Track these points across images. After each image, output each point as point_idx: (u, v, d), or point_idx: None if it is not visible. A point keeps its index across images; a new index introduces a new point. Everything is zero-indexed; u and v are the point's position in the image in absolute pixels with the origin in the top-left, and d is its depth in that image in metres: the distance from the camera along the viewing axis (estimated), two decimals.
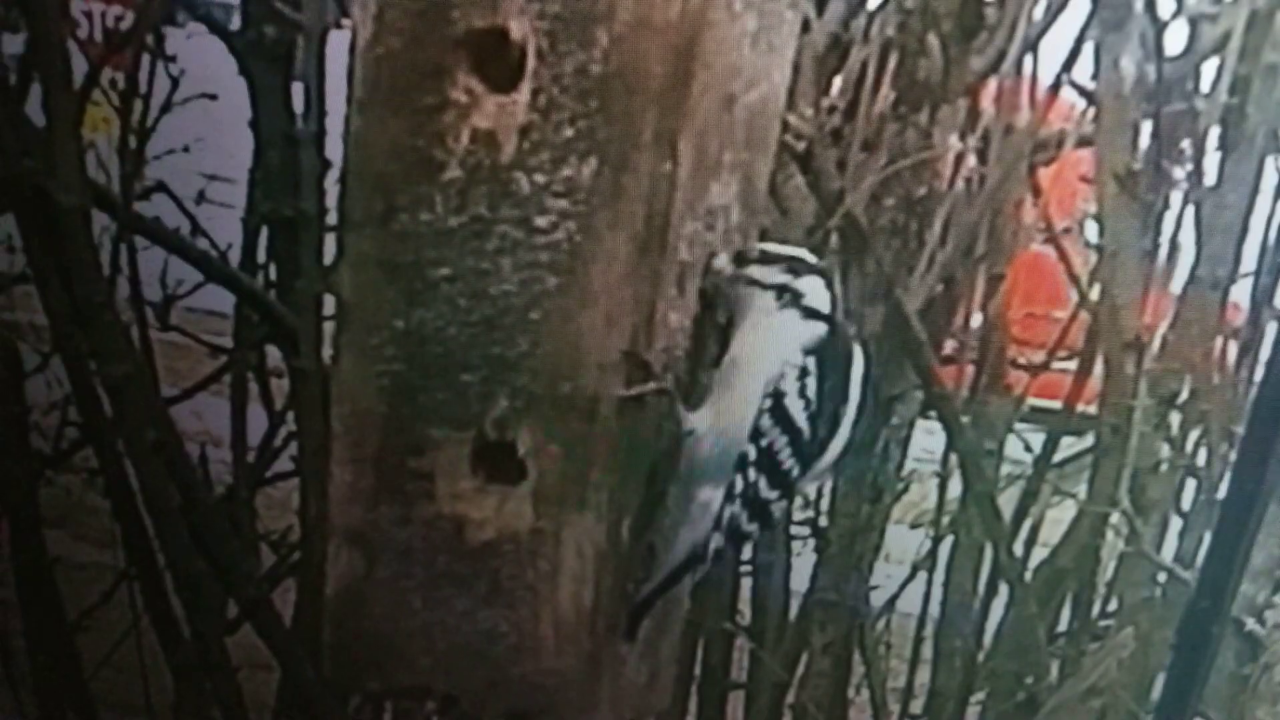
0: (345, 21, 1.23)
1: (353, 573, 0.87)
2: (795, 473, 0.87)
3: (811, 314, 0.87)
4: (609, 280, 0.79)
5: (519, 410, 0.81)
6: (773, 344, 0.86)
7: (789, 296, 0.87)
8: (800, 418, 0.85)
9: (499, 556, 0.84)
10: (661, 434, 0.86)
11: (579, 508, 0.84)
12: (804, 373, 0.85)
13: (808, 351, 0.85)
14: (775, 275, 0.87)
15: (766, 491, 0.86)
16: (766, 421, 0.84)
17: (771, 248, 0.90)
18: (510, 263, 0.79)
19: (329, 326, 1.29)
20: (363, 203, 0.81)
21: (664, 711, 1.05)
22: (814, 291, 0.87)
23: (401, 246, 0.80)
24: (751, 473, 0.85)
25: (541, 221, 0.78)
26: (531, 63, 0.75)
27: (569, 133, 0.77)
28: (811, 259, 0.90)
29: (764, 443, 0.84)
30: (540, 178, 0.77)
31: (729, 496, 0.85)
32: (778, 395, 0.84)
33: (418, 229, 0.79)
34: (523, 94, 0.76)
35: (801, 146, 1.21)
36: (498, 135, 0.77)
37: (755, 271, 0.87)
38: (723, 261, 0.88)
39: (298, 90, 1.32)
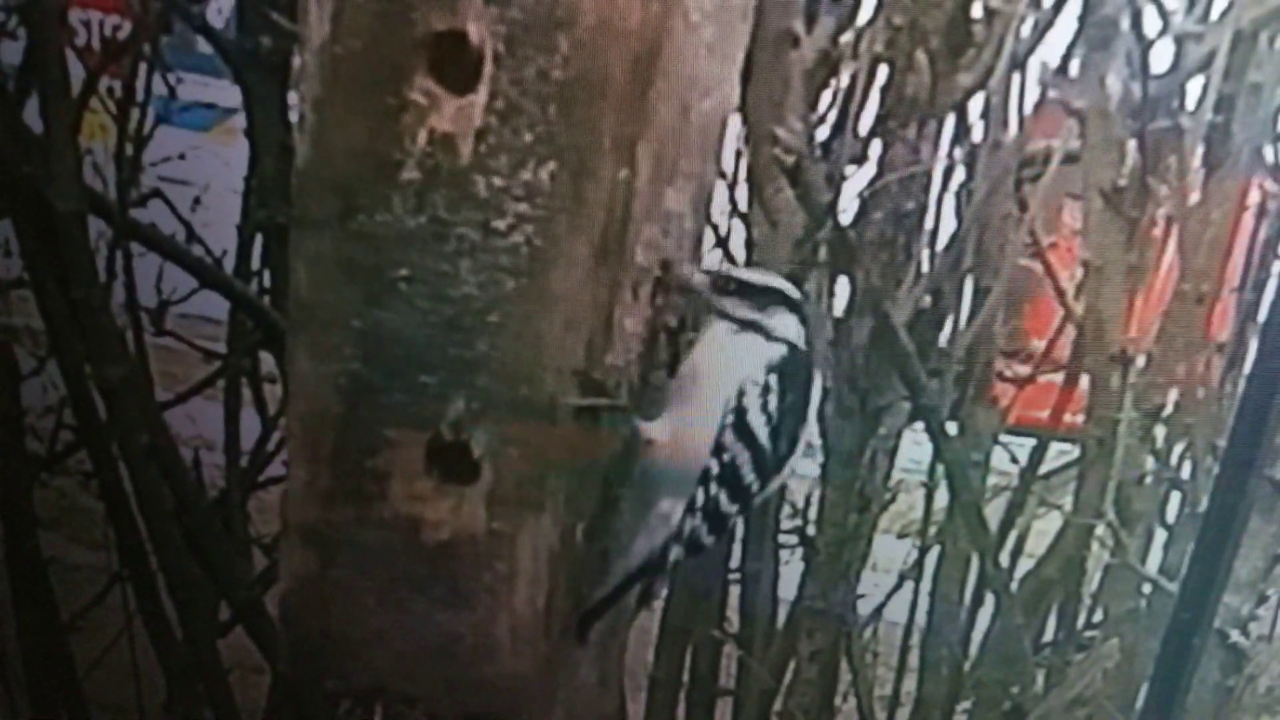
0: None
1: (308, 571, 0.87)
2: (755, 488, 0.88)
3: (776, 340, 0.88)
4: (568, 284, 0.80)
5: (475, 412, 0.81)
6: (735, 363, 0.87)
7: (755, 330, 0.88)
8: (762, 434, 0.86)
9: (456, 558, 0.84)
10: (615, 438, 0.86)
11: (535, 510, 0.84)
12: (766, 389, 0.86)
13: (770, 369, 0.87)
14: (744, 311, 0.88)
15: (727, 505, 0.87)
16: (729, 437, 0.85)
17: (750, 277, 0.91)
18: (469, 265, 0.78)
19: None
20: (320, 202, 0.80)
21: (613, 714, 1.05)
22: (782, 325, 0.88)
23: (360, 247, 0.79)
24: (713, 487, 0.86)
25: (500, 224, 0.78)
26: (489, 66, 0.75)
27: (528, 137, 0.76)
28: (789, 291, 0.90)
29: (726, 457, 0.86)
30: (499, 181, 0.77)
31: (690, 509, 0.86)
32: (740, 411, 0.85)
33: (376, 229, 0.78)
34: (480, 97, 0.76)
35: (791, 160, 1.22)
36: (456, 138, 0.76)
37: (727, 304, 0.88)
38: (701, 281, 0.89)
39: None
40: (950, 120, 1.29)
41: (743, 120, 1.26)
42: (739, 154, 1.31)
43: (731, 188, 1.37)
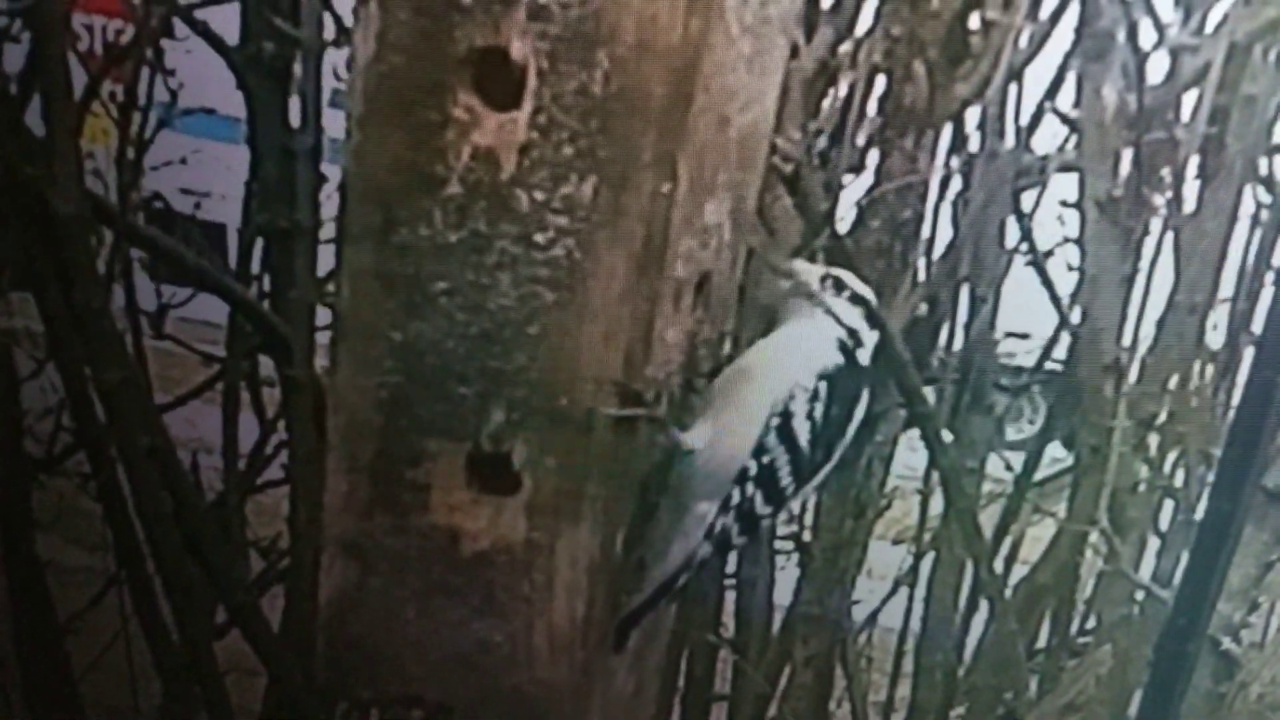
0: (343, 39, 1.25)
1: (347, 582, 0.87)
2: (790, 490, 0.89)
3: (846, 351, 0.89)
4: (607, 297, 0.80)
5: (515, 423, 0.81)
6: (789, 367, 0.87)
7: (852, 341, 0.89)
8: (804, 439, 0.87)
9: (493, 567, 0.85)
10: (654, 449, 0.87)
11: (574, 520, 0.84)
12: (815, 396, 0.87)
13: (822, 376, 0.87)
14: (851, 317, 0.89)
15: (761, 507, 0.88)
16: (772, 439, 0.86)
17: (855, 284, 0.91)
18: (509, 278, 0.79)
19: (321, 337, 1.31)
20: (362, 216, 0.81)
21: None
22: (869, 342, 0.90)
23: (400, 260, 0.80)
24: (749, 487, 0.86)
25: (541, 238, 0.78)
26: (532, 82, 0.76)
27: (569, 151, 0.77)
28: (874, 304, 0.91)
29: (766, 459, 0.86)
30: (540, 195, 0.78)
31: (724, 508, 0.86)
32: (786, 415, 0.86)
33: (417, 243, 0.79)
34: (523, 113, 0.76)
35: (789, 169, 1.23)
36: (498, 153, 0.77)
37: (838, 306, 0.89)
38: (809, 276, 0.89)
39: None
40: (947, 130, 1.30)
41: None
42: None
43: None
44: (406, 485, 0.84)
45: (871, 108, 1.28)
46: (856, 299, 0.90)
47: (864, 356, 0.91)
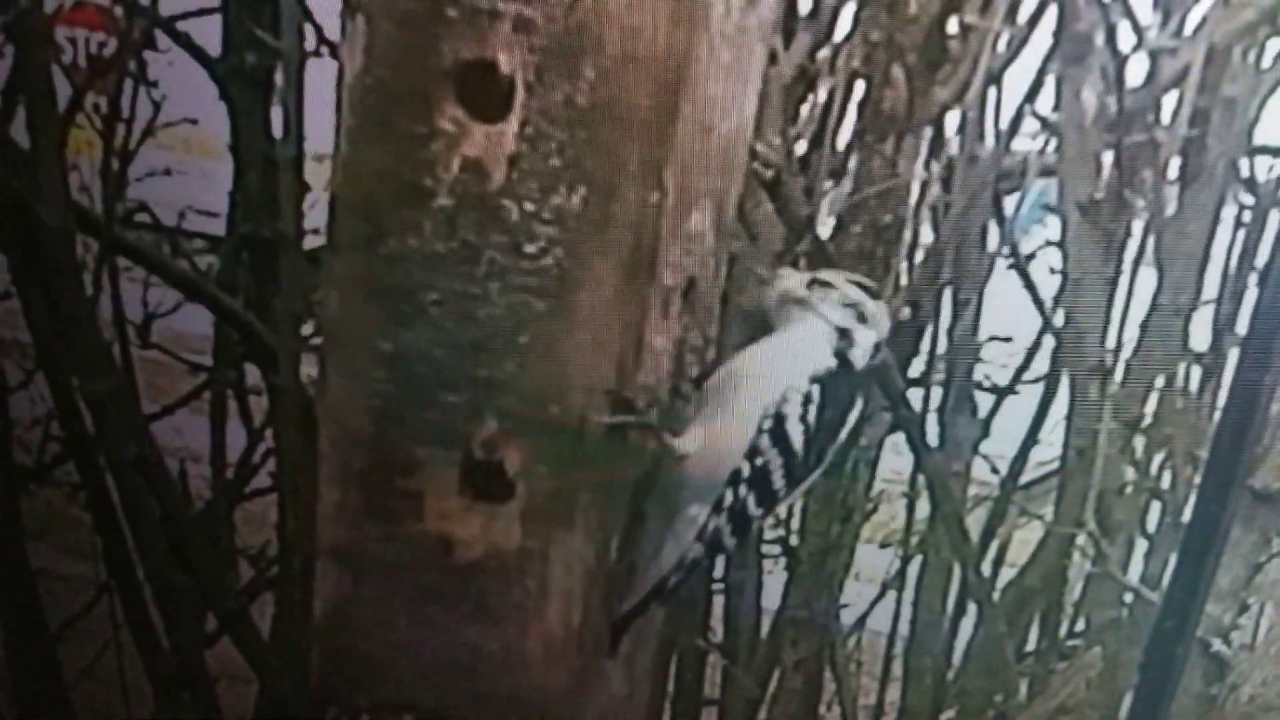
0: (324, 50, 1.26)
1: (340, 590, 0.88)
2: (782, 493, 0.89)
3: (839, 353, 0.89)
4: (596, 305, 0.81)
5: (506, 431, 0.82)
6: (782, 370, 0.88)
7: (844, 342, 0.89)
8: (797, 442, 0.87)
9: (486, 574, 0.85)
10: (645, 454, 0.87)
11: (567, 527, 0.85)
12: (808, 399, 0.87)
13: (815, 380, 0.87)
14: (840, 317, 0.89)
15: (753, 508, 0.88)
16: (765, 441, 0.86)
17: (843, 285, 0.91)
18: (498, 287, 0.79)
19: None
20: (351, 227, 0.81)
21: None
22: (864, 339, 0.90)
23: (390, 270, 0.80)
24: (742, 489, 0.87)
25: (530, 248, 0.79)
26: (520, 94, 0.76)
27: (557, 162, 0.78)
28: (870, 305, 0.91)
29: (760, 461, 0.86)
30: (529, 205, 0.78)
31: (716, 509, 0.87)
32: (780, 418, 0.86)
33: (406, 253, 0.79)
34: (511, 124, 0.77)
35: (770, 174, 1.24)
36: (486, 164, 0.78)
37: (825, 307, 0.90)
38: (795, 283, 0.90)
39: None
40: (927, 134, 1.31)
41: None
42: None
43: None
44: (398, 494, 0.84)
45: (851, 113, 1.29)
46: (846, 300, 0.90)
47: (860, 356, 0.90)
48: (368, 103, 0.78)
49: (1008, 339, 1.47)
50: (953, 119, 1.32)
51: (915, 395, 1.44)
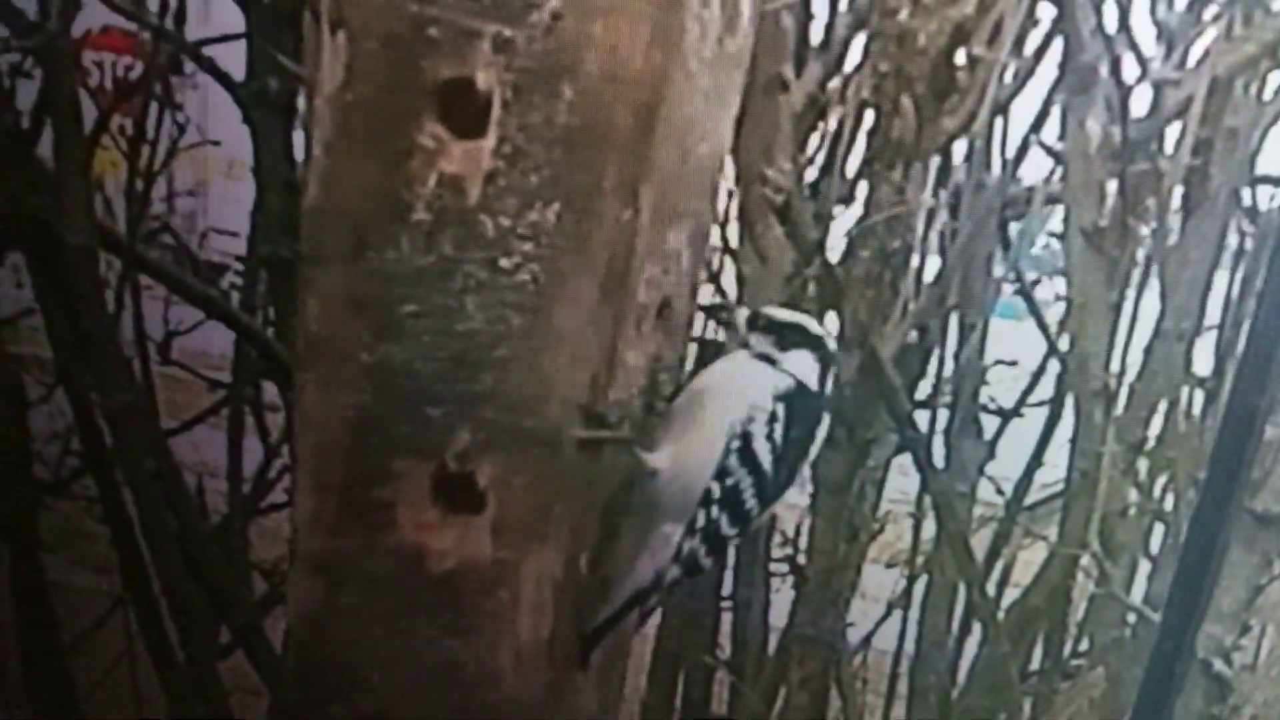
0: None
1: (315, 599, 0.87)
2: (754, 512, 0.90)
3: (784, 373, 0.90)
4: (573, 321, 0.82)
5: (481, 444, 0.82)
6: (744, 389, 0.89)
7: (766, 362, 0.91)
8: (766, 461, 0.88)
9: (461, 586, 0.85)
10: (618, 470, 0.88)
11: (539, 540, 0.86)
12: (773, 418, 0.88)
13: (778, 398, 0.88)
14: (765, 346, 0.91)
15: (727, 528, 0.89)
16: (734, 462, 0.87)
17: (780, 315, 0.93)
18: (476, 301, 0.80)
19: None
20: (332, 239, 0.81)
21: None
22: (793, 361, 0.90)
23: (369, 283, 0.80)
24: (714, 510, 0.87)
25: (507, 263, 0.79)
26: (496, 112, 0.77)
27: (534, 179, 0.78)
28: (812, 329, 0.92)
29: (730, 482, 0.87)
30: (506, 221, 0.79)
31: (690, 530, 0.88)
32: (747, 437, 0.87)
33: (386, 267, 0.80)
34: (488, 141, 0.77)
35: (780, 200, 1.26)
36: (464, 180, 0.78)
37: (753, 338, 0.91)
38: (740, 318, 0.92)
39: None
40: (935, 162, 1.33)
41: (734, 161, 1.30)
42: (730, 194, 1.35)
43: (723, 226, 1.41)
44: (374, 504, 0.84)
45: (861, 141, 1.31)
46: (778, 326, 0.91)
47: (814, 378, 0.91)
48: (348, 118, 0.79)
49: (1013, 363, 1.49)
50: (960, 148, 1.34)
51: (922, 417, 1.46)
